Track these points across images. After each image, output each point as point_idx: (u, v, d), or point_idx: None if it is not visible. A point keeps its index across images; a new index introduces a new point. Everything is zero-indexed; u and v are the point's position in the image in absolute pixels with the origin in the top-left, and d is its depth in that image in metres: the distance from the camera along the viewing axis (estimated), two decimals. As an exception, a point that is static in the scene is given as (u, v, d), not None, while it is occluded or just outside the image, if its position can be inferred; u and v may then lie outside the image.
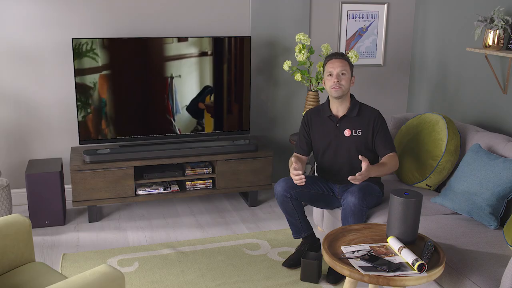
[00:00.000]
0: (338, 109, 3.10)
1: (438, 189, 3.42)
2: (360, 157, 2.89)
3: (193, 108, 4.00)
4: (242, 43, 4.00)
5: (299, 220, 3.18)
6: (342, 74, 3.00)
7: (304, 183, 2.93)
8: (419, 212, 2.42)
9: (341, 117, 3.08)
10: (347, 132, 3.06)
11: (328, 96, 3.14)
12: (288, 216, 3.17)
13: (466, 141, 3.34)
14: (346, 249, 2.39)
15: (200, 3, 4.11)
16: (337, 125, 3.09)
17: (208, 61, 3.96)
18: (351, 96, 3.12)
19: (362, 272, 2.20)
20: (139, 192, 3.88)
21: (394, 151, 3.06)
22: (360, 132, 3.05)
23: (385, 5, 4.50)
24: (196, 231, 3.74)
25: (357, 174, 2.80)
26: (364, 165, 2.82)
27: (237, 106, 4.11)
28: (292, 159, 3.21)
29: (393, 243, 2.39)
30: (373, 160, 3.10)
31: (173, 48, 3.85)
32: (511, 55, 3.26)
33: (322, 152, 3.14)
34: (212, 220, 3.93)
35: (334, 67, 3.01)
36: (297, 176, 2.91)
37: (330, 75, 3.02)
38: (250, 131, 4.24)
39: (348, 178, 2.86)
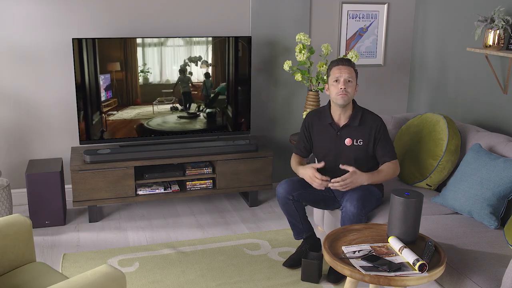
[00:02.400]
0: (340, 117, 3.05)
1: (439, 188, 3.42)
2: (341, 166, 2.92)
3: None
4: (242, 43, 4.00)
5: (300, 222, 3.17)
6: (349, 81, 2.94)
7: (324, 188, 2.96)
8: (420, 212, 2.42)
9: (342, 126, 3.04)
10: (348, 141, 3.03)
11: (330, 101, 3.10)
12: (289, 217, 3.17)
13: (466, 141, 3.34)
14: (347, 249, 2.39)
15: (200, 3, 4.11)
16: (338, 133, 3.05)
17: (208, 61, 3.95)
18: (353, 102, 3.07)
19: (363, 272, 2.20)
20: (140, 192, 3.87)
21: (395, 159, 3.03)
22: (361, 142, 3.02)
23: (385, 5, 4.50)
24: (196, 231, 3.74)
25: (340, 179, 2.85)
26: (350, 169, 2.86)
27: (237, 106, 4.11)
28: (295, 162, 3.19)
29: (394, 243, 2.39)
30: (373, 168, 3.06)
31: (174, 48, 3.85)
32: (511, 55, 3.26)
33: (322, 157, 3.13)
34: (212, 220, 3.93)
35: (342, 73, 2.93)
36: (321, 181, 2.92)
37: (336, 81, 2.95)
38: (250, 131, 4.24)
39: (329, 185, 2.90)
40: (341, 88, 2.92)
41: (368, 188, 3.01)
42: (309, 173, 2.98)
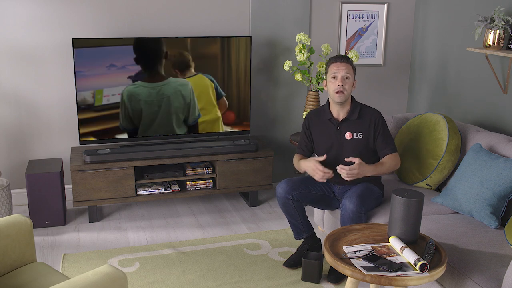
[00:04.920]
0: (339, 112, 3.07)
1: (439, 188, 3.43)
2: (347, 159, 2.93)
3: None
4: (242, 43, 4.00)
5: (300, 221, 3.18)
6: (346, 78, 2.96)
7: (326, 179, 2.98)
8: (420, 212, 2.42)
9: (341, 120, 3.06)
10: (348, 135, 3.05)
11: (329, 99, 3.12)
12: (289, 217, 3.17)
13: (466, 141, 3.34)
14: (347, 249, 2.39)
15: (200, 3, 4.11)
16: (338, 128, 3.07)
17: (208, 61, 3.95)
18: (352, 98, 3.09)
19: (364, 272, 2.20)
20: (140, 192, 3.87)
21: (395, 151, 3.06)
22: (361, 135, 3.04)
23: (385, 5, 4.50)
24: (196, 231, 3.74)
25: (347, 168, 2.86)
26: (356, 161, 2.87)
27: (237, 106, 4.11)
28: (297, 159, 3.20)
29: (394, 243, 2.39)
30: (375, 162, 3.08)
31: (173, 48, 3.84)
32: (511, 55, 3.26)
33: (324, 153, 3.13)
34: (212, 220, 3.93)
35: (339, 70, 2.96)
36: (323, 173, 2.94)
37: (334, 77, 2.97)
38: (250, 131, 4.24)
39: (337, 168, 2.92)
40: (338, 85, 2.95)
41: (368, 186, 3.02)
42: (311, 165, 3.01)
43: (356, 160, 2.90)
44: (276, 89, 4.43)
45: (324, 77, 3.08)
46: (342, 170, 2.89)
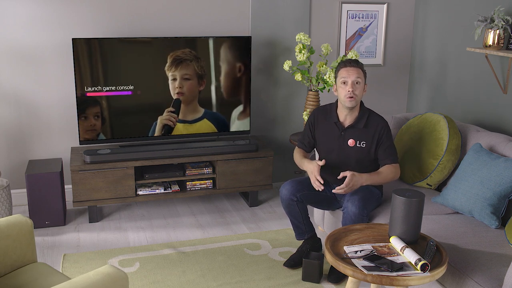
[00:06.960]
0: (346, 117, 3.04)
1: (439, 188, 3.43)
2: (339, 177, 2.94)
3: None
4: (242, 43, 4.00)
5: (303, 222, 3.18)
6: (357, 83, 2.92)
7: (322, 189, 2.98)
8: (421, 211, 2.42)
9: (347, 126, 3.04)
10: (351, 142, 3.02)
11: (337, 100, 3.08)
12: (292, 218, 3.16)
13: (466, 140, 3.34)
14: (348, 249, 2.39)
15: (200, 3, 4.11)
16: (342, 133, 3.05)
17: (208, 61, 3.95)
18: (361, 104, 3.05)
19: (365, 272, 2.20)
20: (140, 192, 3.87)
21: (396, 162, 3.02)
22: (364, 144, 3.01)
23: (385, 5, 4.50)
24: (196, 231, 3.74)
25: (343, 186, 2.86)
26: (348, 174, 2.86)
27: (237, 106, 4.11)
28: (299, 155, 3.19)
29: (395, 242, 2.39)
30: (374, 170, 3.05)
31: (173, 48, 3.84)
32: (511, 55, 3.27)
33: (324, 155, 3.13)
34: (212, 220, 3.93)
35: (349, 75, 2.92)
36: (318, 183, 2.95)
37: (344, 83, 2.93)
38: (250, 131, 4.24)
39: (333, 191, 2.92)
40: (349, 91, 2.91)
41: (368, 188, 3.02)
42: (311, 168, 3.00)
43: (348, 173, 2.88)
44: (276, 89, 4.43)
45: (334, 82, 3.05)
46: (338, 191, 2.89)
